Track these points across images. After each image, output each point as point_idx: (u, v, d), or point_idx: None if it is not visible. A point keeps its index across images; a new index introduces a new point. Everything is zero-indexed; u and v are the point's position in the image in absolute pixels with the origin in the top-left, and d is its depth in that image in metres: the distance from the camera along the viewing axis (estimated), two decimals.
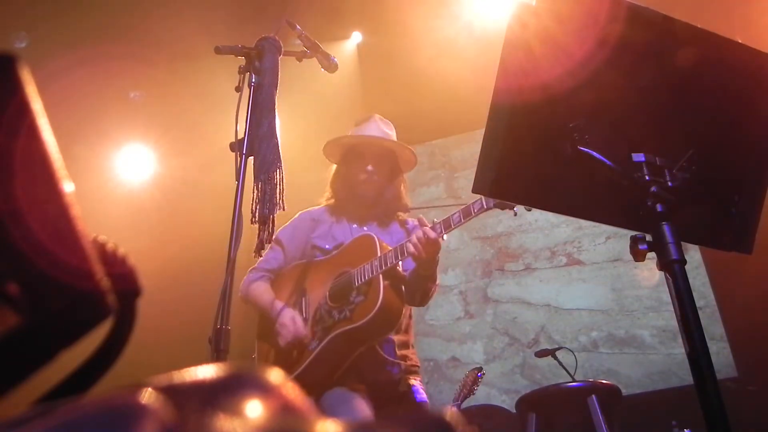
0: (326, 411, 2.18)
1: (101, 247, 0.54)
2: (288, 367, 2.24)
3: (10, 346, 0.36)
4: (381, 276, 2.18)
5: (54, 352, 0.39)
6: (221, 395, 0.31)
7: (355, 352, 2.20)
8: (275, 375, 0.34)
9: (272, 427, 0.30)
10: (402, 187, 2.57)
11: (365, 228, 2.49)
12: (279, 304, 2.32)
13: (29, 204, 0.38)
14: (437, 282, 2.36)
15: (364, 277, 2.22)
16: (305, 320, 2.30)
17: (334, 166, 2.60)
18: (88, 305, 0.40)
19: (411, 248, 2.12)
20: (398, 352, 2.32)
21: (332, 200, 2.57)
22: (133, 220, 4.57)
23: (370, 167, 2.44)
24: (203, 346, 1.70)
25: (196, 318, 2.71)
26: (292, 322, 2.25)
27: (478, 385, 3.25)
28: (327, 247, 2.45)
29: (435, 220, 2.17)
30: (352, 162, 2.50)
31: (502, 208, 2.09)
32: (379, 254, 2.23)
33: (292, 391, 0.34)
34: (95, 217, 4.18)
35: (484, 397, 4.32)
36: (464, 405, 3.28)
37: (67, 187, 0.39)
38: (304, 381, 2.17)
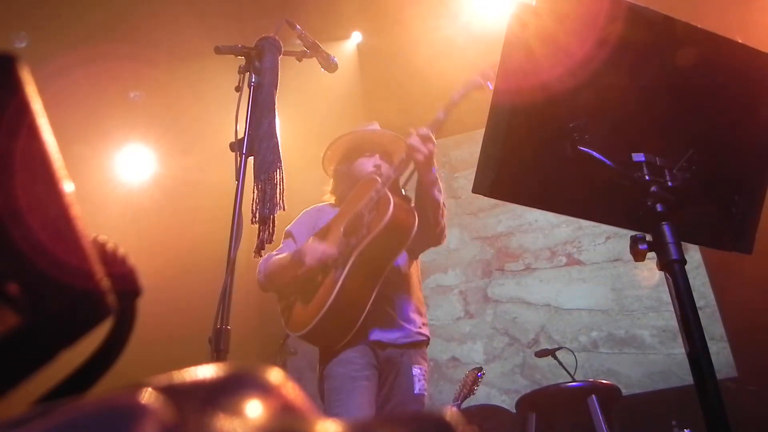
0: (327, 394, 2.21)
1: (101, 247, 0.54)
2: (317, 304, 2.25)
3: (10, 346, 0.36)
4: (388, 191, 2.24)
5: (54, 352, 0.39)
6: (221, 395, 0.31)
7: (378, 276, 2.23)
8: (275, 375, 0.34)
9: (272, 427, 0.30)
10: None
11: None
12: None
13: (29, 204, 0.38)
14: (443, 199, 2.40)
15: (372, 203, 2.28)
16: (331, 256, 2.33)
17: (332, 179, 2.64)
18: (88, 305, 0.40)
19: (408, 151, 2.22)
20: (406, 313, 2.35)
21: (334, 198, 2.62)
22: (133, 220, 4.58)
23: (377, 160, 2.51)
24: (203, 346, 1.70)
25: (196, 318, 2.71)
26: (315, 244, 2.32)
27: (478, 385, 3.25)
28: None
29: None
30: (358, 157, 2.54)
31: (477, 88, 2.26)
32: (379, 180, 2.32)
33: (292, 391, 0.34)
34: (95, 217, 4.18)
35: (484, 397, 4.32)
36: (464, 405, 3.28)
37: (67, 187, 0.39)
38: (335, 314, 2.21)
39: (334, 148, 2.60)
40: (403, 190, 2.35)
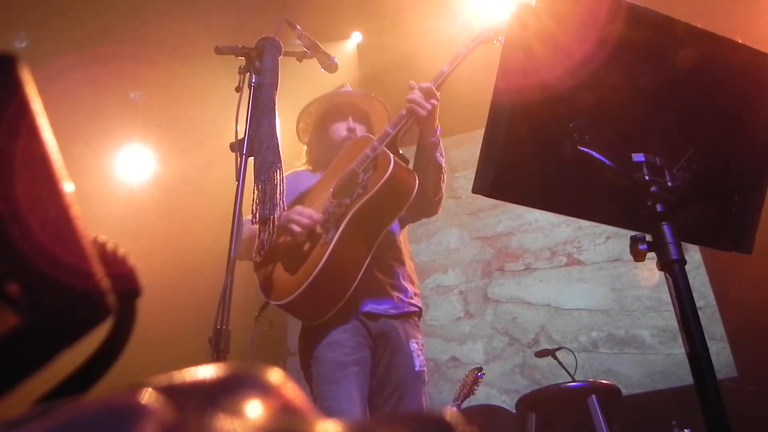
0: (316, 380, 2.10)
1: (101, 247, 0.54)
2: (304, 271, 2.07)
3: (10, 346, 0.36)
4: (386, 149, 2.10)
5: (54, 352, 0.39)
6: (221, 395, 0.31)
7: (374, 240, 2.10)
8: (275, 375, 0.34)
9: (272, 427, 0.30)
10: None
11: None
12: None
13: (29, 204, 0.38)
14: (444, 162, 2.28)
15: (367, 160, 2.12)
16: (317, 222, 2.15)
17: (306, 146, 2.54)
18: (88, 305, 0.40)
19: (409, 106, 2.09)
20: (397, 282, 2.23)
21: (309, 166, 2.50)
22: (133, 220, 4.58)
23: (351, 123, 2.41)
24: (203, 346, 1.70)
25: (196, 318, 2.71)
26: (301, 209, 2.13)
27: (478, 385, 3.25)
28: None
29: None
30: (332, 122, 2.44)
31: (486, 42, 2.12)
32: (375, 138, 2.15)
33: (292, 391, 0.34)
34: (95, 217, 4.18)
35: (484, 397, 4.32)
36: (464, 405, 3.28)
37: (67, 187, 0.39)
38: (325, 280, 2.03)
39: (305, 118, 2.51)
40: (400, 150, 2.19)
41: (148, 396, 0.29)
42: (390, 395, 2.13)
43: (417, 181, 2.12)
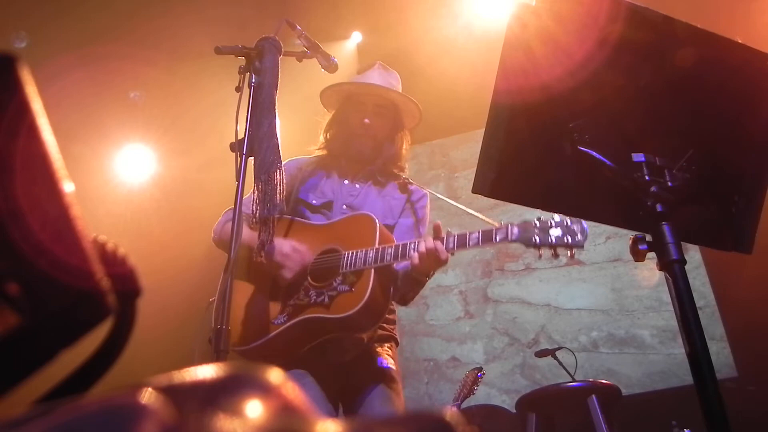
0: None
1: (101, 247, 0.54)
2: (253, 332, 2.05)
3: (10, 346, 0.36)
4: (373, 271, 1.97)
5: (54, 352, 0.39)
6: (221, 395, 0.31)
7: (322, 336, 2.00)
8: (275, 375, 0.34)
9: (272, 427, 0.30)
10: (403, 146, 2.38)
11: (356, 185, 2.30)
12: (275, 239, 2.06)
13: (29, 204, 0.38)
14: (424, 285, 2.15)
15: (354, 265, 1.99)
16: (281, 288, 2.08)
17: (326, 122, 2.42)
18: (88, 305, 0.40)
19: (416, 259, 1.92)
20: (377, 332, 2.14)
21: (324, 151, 2.39)
22: (133, 220, 4.58)
23: (367, 120, 2.27)
24: (203, 346, 1.70)
25: (196, 318, 2.71)
26: (293, 250, 2.05)
27: (478, 385, 3.25)
28: (314, 202, 2.25)
29: (449, 230, 1.98)
30: (350, 112, 2.31)
31: (528, 246, 1.90)
32: (376, 245, 1.99)
33: (292, 391, 0.34)
34: (95, 217, 4.18)
35: (484, 397, 4.32)
36: (464, 405, 3.28)
37: (67, 187, 0.39)
38: (265, 351, 2.01)
39: (326, 98, 2.41)
40: (394, 264, 2.05)
41: (148, 396, 0.29)
42: (356, 394, 2.07)
43: (385, 312, 2.03)
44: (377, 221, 2.08)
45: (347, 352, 2.08)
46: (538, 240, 1.92)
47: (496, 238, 1.94)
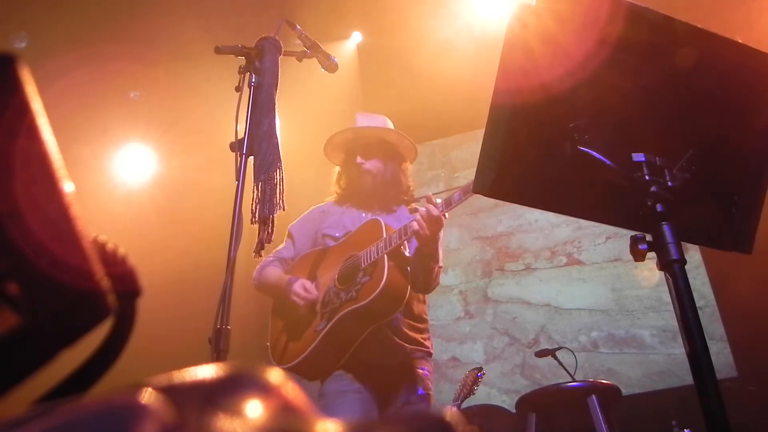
0: (322, 408, 2.20)
1: (101, 247, 0.54)
2: (299, 347, 2.29)
3: (10, 346, 0.36)
4: (386, 256, 2.22)
5: (54, 352, 0.39)
6: (221, 395, 0.31)
7: (362, 332, 2.23)
8: (275, 375, 0.34)
9: (272, 427, 0.30)
10: (400, 171, 2.59)
11: (371, 214, 2.54)
12: (290, 277, 2.39)
13: (29, 204, 0.38)
14: (440, 264, 2.37)
15: (370, 258, 2.25)
16: (316, 301, 2.35)
17: (337, 168, 2.66)
18: (88, 305, 0.40)
19: (415, 225, 2.14)
20: (408, 334, 2.34)
21: (336, 197, 2.63)
22: (133, 220, 4.58)
23: (359, 159, 2.50)
24: (203, 346, 1.70)
25: (196, 318, 2.71)
26: (302, 289, 2.31)
27: (478, 385, 3.25)
28: (337, 234, 2.49)
29: (438, 200, 2.21)
30: (346, 159, 2.57)
31: None
32: (384, 236, 2.26)
33: (292, 391, 0.34)
34: (95, 217, 4.18)
35: (484, 397, 4.32)
36: (464, 405, 3.28)
37: (67, 187, 0.39)
38: (313, 361, 2.25)
39: (328, 153, 2.63)
40: (406, 251, 2.32)
41: (148, 396, 0.29)
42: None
43: (408, 289, 2.27)
44: (381, 220, 2.35)
45: (390, 356, 2.29)
46: None
47: (471, 187, 2.12)
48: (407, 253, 2.33)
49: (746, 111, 1.26)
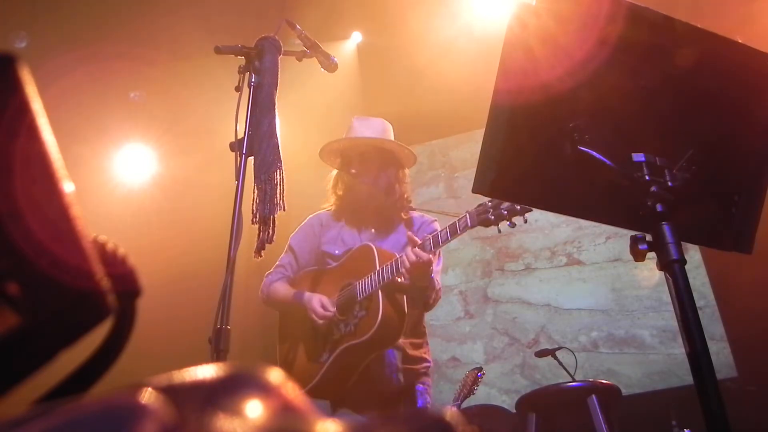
0: None
1: (101, 247, 0.54)
2: (306, 376, 2.35)
3: (10, 346, 0.36)
4: (380, 291, 2.24)
5: (54, 352, 0.39)
6: (221, 395, 0.31)
7: (363, 361, 2.29)
8: (275, 375, 0.34)
9: (272, 427, 0.30)
10: (396, 180, 2.55)
11: (372, 230, 2.55)
12: (307, 293, 2.41)
13: (29, 204, 0.38)
14: (438, 287, 2.39)
15: (366, 292, 2.28)
16: (320, 330, 2.39)
17: (334, 172, 2.63)
18: (88, 305, 0.40)
19: (407, 273, 2.18)
20: (410, 354, 2.39)
21: (333, 206, 2.61)
22: (133, 220, 4.58)
23: (353, 170, 2.49)
24: (203, 346, 1.70)
25: (196, 318, 2.71)
26: (320, 306, 2.33)
27: (478, 385, 3.25)
28: (336, 252, 2.51)
29: (426, 236, 2.23)
30: (343, 164, 2.56)
31: (487, 225, 2.13)
32: (377, 267, 2.28)
33: (292, 391, 0.34)
34: (95, 217, 4.18)
35: (484, 397, 4.32)
36: (464, 405, 3.28)
37: (67, 187, 0.39)
38: (321, 389, 2.33)
39: (324, 159, 2.61)
40: (400, 279, 2.29)
41: (148, 396, 0.29)
42: None
43: (405, 320, 2.28)
44: (373, 246, 2.36)
45: (392, 382, 2.34)
46: (492, 217, 2.13)
47: (459, 229, 2.13)
48: (401, 280, 2.32)
49: (746, 111, 1.26)
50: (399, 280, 2.29)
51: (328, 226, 2.58)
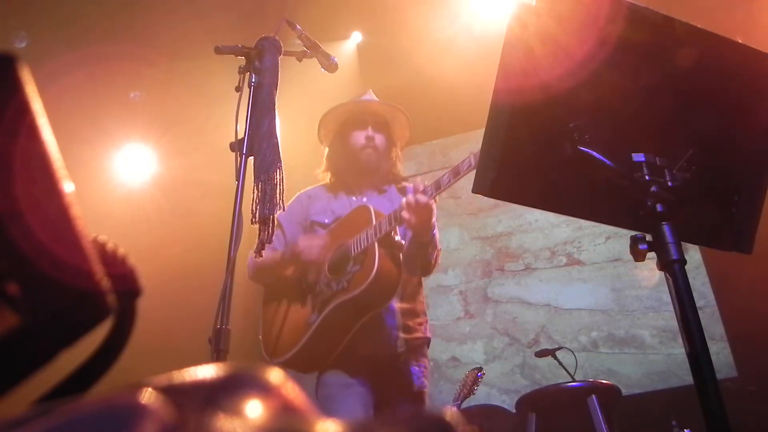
0: (321, 402, 2.17)
1: (101, 247, 0.54)
2: (291, 340, 2.24)
3: (10, 346, 0.36)
4: (377, 244, 2.15)
5: (54, 352, 0.39)
6: (221, 395, 0.31)
7: (356, 323, 2.17)
8: (275, 375, 0.34)
9: (272, 427, 0.30)
10: (397, 159, 2.57)
11: (363, 198, 2.47)
12: (292, 244, 2.32)
13: (29, 204, 0.38)
14: (438, 247, 2.31)
15: (360, 246, 2.19)
16: (306, 292, 2.29)
17: (327, 150, 2.59)
18: (88, 305, 0.40)
19: (404, 214, 2.07)
20: (402, 322, 2.27)
21: (327, 180, 2.56)
22: (133, 220, 4.58)
23: (370, 132, 2.44)
24: (203, 346, 1.70)
25: (196, 318, 2.71)
26: (311, 240, 2.27)
27: (478, 385, 3.25)
28: (326, 221, 2.42)
29: (425, 182, 2.14)
30: (352, 131, 2.48)
31: None
32: (374, 222, 2.20)
33: (292, 391, 0.34)
34: (95, 217, 4.18)
35: (484, 397, 4.32)
36: (464, 405, 3.28)
37: (67, 187, 0.39)
38: (306, 354, 2.20)
39: (325, 125, 2.56)
40: (397, 236, 2.21)
41: (148, 396, 0.29)
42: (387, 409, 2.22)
43: (401, 277, 2.18)
44: (370, 206, 2.28)
45: (385, 347, 2.22)
46: None
47: (462, 170, 2.12)
48: (398, 239, 2.24)
49: (746, 111, 1.26)
50: (396, 238, 2.20)
51: (316, 197, 2.51)
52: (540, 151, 1.19)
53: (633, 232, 1.16)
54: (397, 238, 2.21)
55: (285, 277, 2.34)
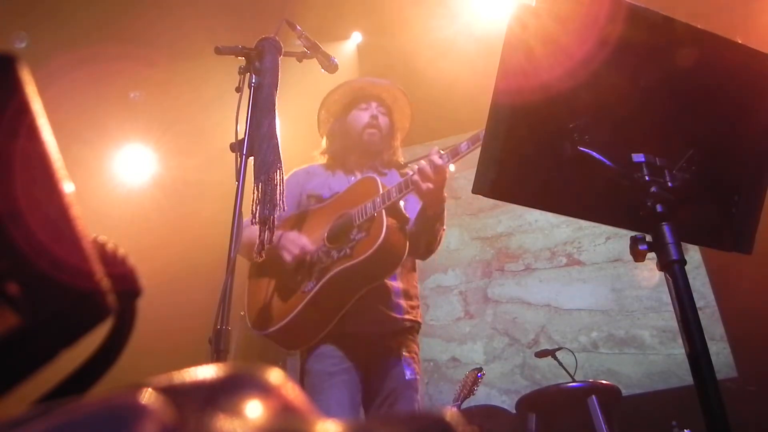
0: (308, 387, 2.10)
1: (101, 247, 0.54)
2: (281, 311, 2.12)
3: (10, 346, 0.36)
4: (384, 212, 2.06)
5: (54, 352, 0.39)
6: (221, 395, 0.31)
7: (355, 294, 2.08)
8: (275, 375, 0.34)
9: (272, 427, 0.30)
10: (399, 148, 2.53)
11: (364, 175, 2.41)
12: (278, 231, 2.14)
13: (29, 204, 0.38)
14: (444, 226, 2.23)
15: (365, 214, 2.09)
16: (304, 263, 2.17)
17: (324, 139, 2.55)
18: (88, 305, 0.40)
19: (415, 177, 1.99)
20: (397, 301, 2.20)
21: (327, 155, 2.51)
22: (133, 220, 4.58)
23: (374, 110, 2.42)
24: (203, 346, 1.70)
25: (196, 318, 2.71)
26: (297, 236, 2.16)
27: (478, 386, 3.25)
28: (324, 195, 2.35)
29: (441, 151, 2.03)
30: (356, 111, 2.44)
31: None
32: (381, 191, 2.11)
33: (292, 392, 0.34)
34: (95, 217, 4.18)
35: (484, 398, 4.32)
36: (464, 405, 3.28)
37: (67, 187, 0.39)
38: (295, 327, 2.09)
39: (328, 106, 2.53)
40: (403, 206, 2.15)
41: (148, 396, 0.29)
42: (381, 404, 2.14)
43: (407, 249, 2.09)
44: (377, 177, 2.21)
45: (377, 324, 2.14)
46: None
47: (482, 136, 2.00)
48: (407, 214, 2.16)
49: (746, 111, 1.26)
50: (403, 210, 2.12)
51: (314, 173, 2.44)
52: (540, 152, 1.19)
53: (633, 233, 1.16)
54: (405, 214, 2.15)
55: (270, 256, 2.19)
